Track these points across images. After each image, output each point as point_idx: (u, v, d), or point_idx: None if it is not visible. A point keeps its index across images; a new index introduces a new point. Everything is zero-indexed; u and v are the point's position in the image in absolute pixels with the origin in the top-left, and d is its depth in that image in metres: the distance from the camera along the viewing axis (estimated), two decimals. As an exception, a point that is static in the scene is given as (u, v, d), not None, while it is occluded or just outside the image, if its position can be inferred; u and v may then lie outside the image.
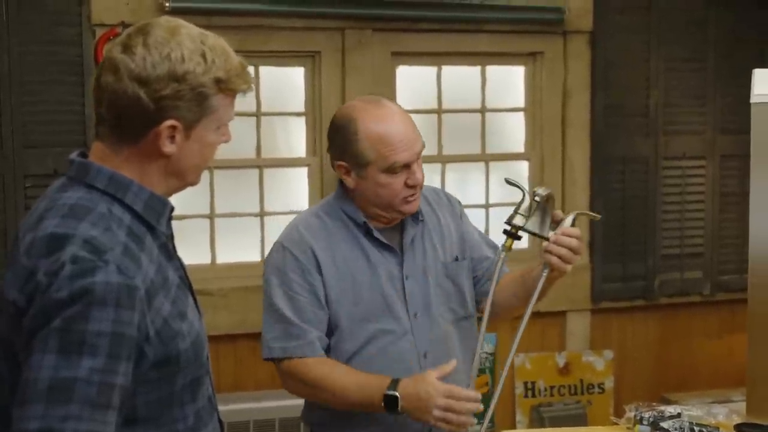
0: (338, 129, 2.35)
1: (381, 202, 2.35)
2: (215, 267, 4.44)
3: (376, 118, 2.31)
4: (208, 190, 4.39)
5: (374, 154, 2.29)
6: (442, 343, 2.41)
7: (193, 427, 1.71)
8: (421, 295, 2.40)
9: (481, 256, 2.56)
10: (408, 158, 2.30)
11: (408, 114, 2.38)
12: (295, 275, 2.34)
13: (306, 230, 2.38)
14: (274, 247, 2.41)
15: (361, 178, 2.33)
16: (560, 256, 2.30)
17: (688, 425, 2.66)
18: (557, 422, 4.61)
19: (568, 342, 4.87)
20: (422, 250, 2.43)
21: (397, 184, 2.31)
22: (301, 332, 2.32)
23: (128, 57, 1.59)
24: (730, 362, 4.95)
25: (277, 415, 4.13)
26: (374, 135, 2.29)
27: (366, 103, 2.37)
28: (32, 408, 1.44)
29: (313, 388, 2.32)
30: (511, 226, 2.34)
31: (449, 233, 2.50)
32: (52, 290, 1.48)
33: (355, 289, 2.35)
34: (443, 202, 2.57)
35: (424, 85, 4.70)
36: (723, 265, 4.95)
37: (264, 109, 4.44)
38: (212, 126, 1.67)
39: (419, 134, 2.36)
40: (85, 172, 1.64)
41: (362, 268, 2.36)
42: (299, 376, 2.32)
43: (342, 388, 2.28)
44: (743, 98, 2.92)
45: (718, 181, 4.91)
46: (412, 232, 2.42)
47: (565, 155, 4.78)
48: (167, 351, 1.61)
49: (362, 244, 2.38)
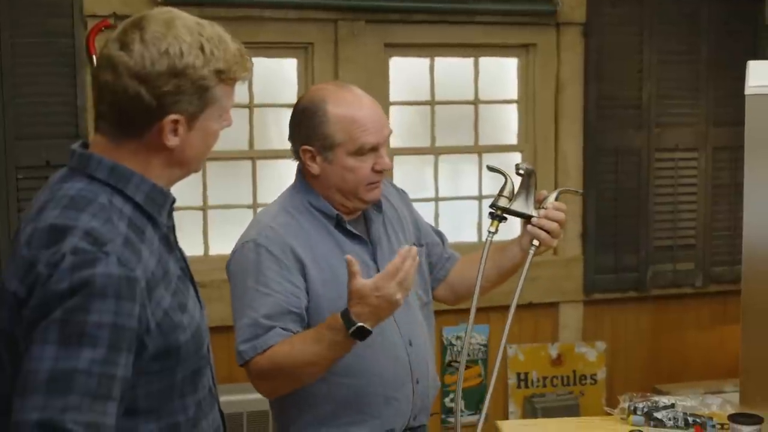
0: (304, 112, 2.31)
1: (346, 188, 2.31)
2: (208, 258, 4.43)
3: (345, 100, 2.29)
4: (201, 182, 4.38)
5: (343, 135, 2.26)
6: (420, 329, 2.42)
7: (194, 418, 1.71)
8: None
9: (433, 242, 2.58)
10: (377, 140, 2.28)
11: (375, 101, 2.37)
12: (272, 272, 2.24)
13: (281, 228, 2.30)
14: (244, 248, 2.29)
15: (327, 162, 2.30)
16: (550, 231, 2.32)
17: (682, 416, 2.68)
18: (550, 413, 4.62)
19: (561, 333, 4.88)
20: (387, 239, 2.42)
21: (365, 168, 2.29)
22: (269, 327, 2.20)
23: (126, 54, 1.58)
24: (722, 353, 4.96)
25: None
26: (344, 116, 2.27)
27: (334, 86, 2.37)
28: (32, 399, 1.44)
29: (285, 373, 2.19)
30: (495, 208, 2.36)
31: (406, 222, 2.51)
32: (52, 281, 1.48)
33: (336, 283, 2.27)
34: (392, 192, 2.56)
35: (417, 77, 4.69)
36: (715, 256, 4.96)
37: (256, 101, 4.43)
38: (215, 115, 1.67)
39: (386, 119, 2.36)
40: (86, 163, 1.63)
41: (340, 261, 2.27)
42: (267, 370, 2.19)
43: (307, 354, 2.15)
44: (736, 90, 2.92)
45: (711, 173, 4.92)
46: (377, 222, 2.41)
47: (558, 147, 4.78)
48: (168, 343, 1.61)
49: (335, 237, 2.34)
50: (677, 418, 2.67)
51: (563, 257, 4.83)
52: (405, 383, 2.35)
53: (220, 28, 1.67)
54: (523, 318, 4.78)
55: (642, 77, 4.78)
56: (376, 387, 2.32)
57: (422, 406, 2.42)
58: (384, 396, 2.32)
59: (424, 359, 2.41)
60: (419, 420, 2.42)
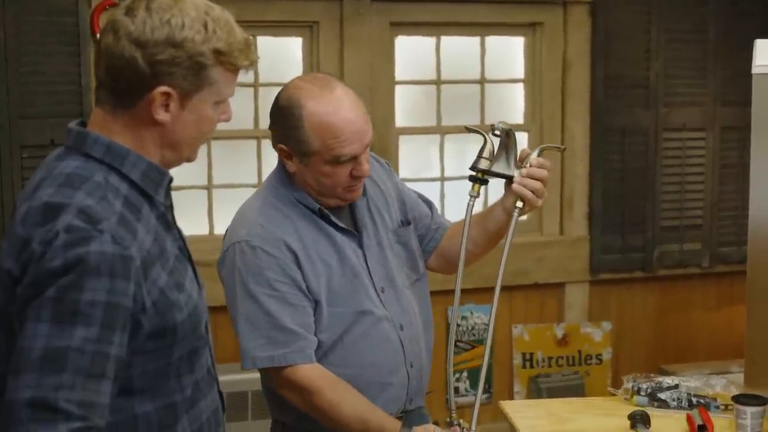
0: (281, 111, 2.20)
1: (322, 189, 2.24)
2: (213, 238, 4.42)
3: (323, 104, 2.15)
4: (206, 161, 4.38)
5: (319, 144, 2.15)
6: (410, 312, 2.38)
7: (191, 398, 1.71)
8: (382, 269, 2.34)
9: (421, 214, 2.50)
10: (356, 150, 2.17)
11: (359, 100, 2.22)
12: (274, 273, 2.19)
13: (269, 223, 2.23)
14: (237, 249, 2.21)
15: (303, 165, 2.21)
16: (534, 189, 2.24)
17: (686, 396, 2.67)
18: (555, 393, 4.62)
19: (567, 313, 4.87)
20: (373, 224, 2.36)
21: (342, 174, 2.20)
22: (289, 337, 2.18)
23: (129, 19, 1.58)
24: (728, 334, 4.96)
25: (276, 385, 4.14)
26: (320, 124, 2.14)
27: (314, 86, 2.19)
28: (25, 377, 1.44)
29: (318, 411, 2.20)
30: (476, 170, 2.28)
31: (391, 199, 2.43)
32: (46, 259, 1.47)
33: (329, 275, 2.25)
34: (376, 167, 2.45)
35: (422, 56, 4.67)
36: (722, 237, 4.94)
37: (261, 80, 4.42)
38: (210, 99, 1.65)
39: (369, 123, 2.21)
40: (83, 141, 1.63)
41: (330, 252, 2.27)
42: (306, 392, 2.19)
43: (356, 417, 2.19)
44: (744, 70, 2.90)
45: (718, 153, 4.90)
46: (362, 208, 2.34)
47: (565, 126, 4.76)
48: (164, 322, 1.60)
49: (324, 228, 2.28)
50: (681, 399, 2.66)
51: (570, 237, 4.82)
52: (399, 368, 2.33)
53: (230, 16, 1.66)
54: (528, 298, 4.78)
55: (649, 56, 4.76)
56: (370, 375, 2.29)
57: (418, 388, 2.40)
58: (379, 383, 2.30)
59: (416, 341, 2.38)
60: (415, 402, 2.41)
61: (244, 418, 4.08)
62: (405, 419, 2.32)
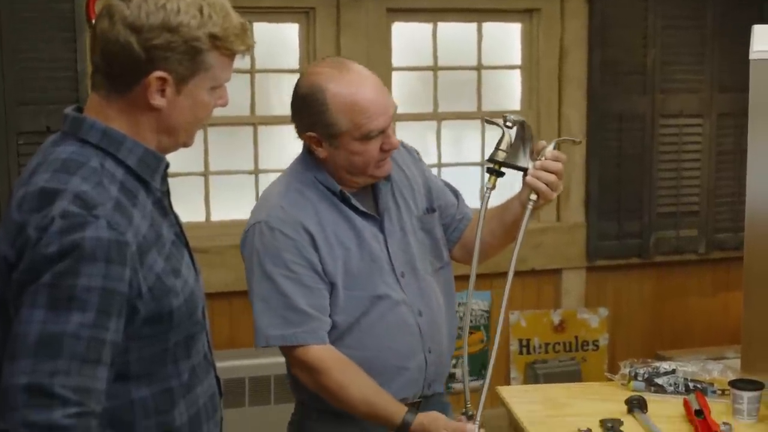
0: (305, 99, 2.23)
1: (354, 169, 2.27)
2: (210, 225, 4.43)
3: (345, 84, 2.19)
4: (202, 148, 4.38)
5: (347, 123, 2.19)
6: (431, 298, 2.39)
7: (188, 383, 1.71)
8: (404, 254, 2.36)
9: (447, 203, 2.51)
10: (383, 124, 2.21)
11: (375, 75, 2.26)
12: (291, 254, 2.22)
13: (289, 206, 2.26)
14: (257, 229, 2.25)
15: (333, 147, 2.24)
16: (548, 182, 2.23)
17: (683, 381, 2.68)
18: (552, 379, 4.63)
19: (564, 300, 4.88)
20: (396, 208, 2.37)
21: (373, 150, 2.23)
22: (302, 318, 2.22)
23: (124, 4, 1.58)
24: (724, 320, 4.97)
25: (273, 371, 4.14)
26: (346, 104, 2.18)
27: (332, 69, 2.23)
28: (21, 363, 1.44)
29: (328, 392, 2.23)
30: (493, 162, 2.28)
31: (417, 185, 2.45)
32: (41, 245, 1.47)
33: (346, 258, 2.27)
34: (404, 153, 2.48)
35: (419, 42, 4.66)
36: (718, 223, 4.95)
37: (258, 66, 4.41)
38: (206, 84, 1.65)
39: (390, 96, 2.27)
40: (79, 127, 1.62)
41: (349, 236, 2.29)
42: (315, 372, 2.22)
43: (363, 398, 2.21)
44: (741, 56, 2.90)
45: (715, 140, 4.90)
46: (385, 192, 2.36)
47: (562, 113, 4.76)
48: (160, 307, 1.60)
49: (344, 212, 2.30)
50: (678, 384, 2.67)
51: (566, 223, 4.83)
52: (416, 353, 2.34)
53: (226, 1, 1.65)
54: (525, 284, 4.78)
55: (646, 43, 4.75)
56: (386, 358, 2.30)
57: (436, 374, 2.40)
58: (395, 366, 2.32)
59: (437, 328, 2.38)
60: (433, 388, 2.41)
61: (242, 405, 4.09)
62: (424, 405, 2.34)
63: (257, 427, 4.11)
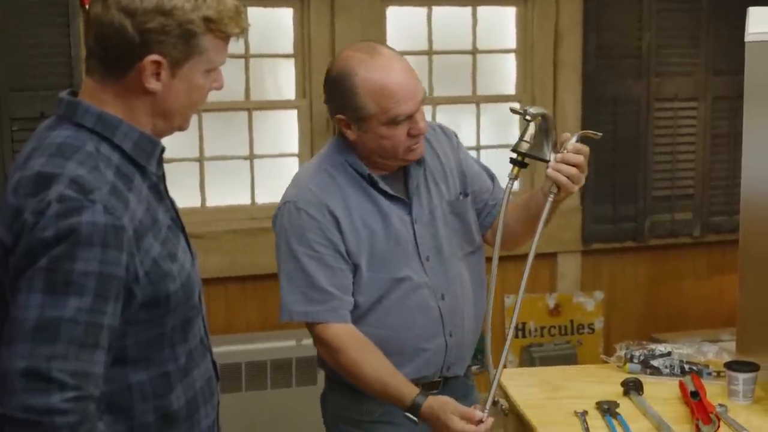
0: (335, 82, 2.27)
1: (384, 153, 2.30)
2: (205, 210, 4.43)
3: (374, 69, 2.22)
4: (197, 133, 4.36)
5: (375, 107, 2.22)
6: (456, 283, 2.41)
7: (185, 367, 1.71)
8: (431, 238, 2.38)
9: (482, 188, 2.51)
10: (411, 109, 2.23)
11: (405, 60, 2.29)
12: (315, 235, 2.27)
13: (317, 188, 2.31)
14: (286, 208, 2.32)
15: (362, 131, 2.27)
16: (569, 175, 2.23)
17: (678, 363, 2.69)
18: (547, 362, 4.64)
19: (559, 283, 4.89)
20: (427, 192, 2.40)
21: (400, 135, 2.25)
22: (324, 297, 2.27)
23: None
24: (719, 303, 4.98)
25: (269, 356, 4.15)
26: (374, 88, 2.21)
27: (362, 53, 2.26)
28: (18, 347, 1.44)
29: (344, 368, 2.28)
30: (516, 153, 2.26)
31: (450, 170, 2.46)
32: (38, 229, 1.47)
33: (371, 240, 2.31)
34: (441, 137, 2.50)
35: (414, 26, 4.65)
36: (713, 206, 4.95)
37: (252, 51, 4.40)
38: (201, 67, 1.64)
39: (419, 81, 2.28)
40: (74, 111, 1.62)
41: (375, 219, 2.32)
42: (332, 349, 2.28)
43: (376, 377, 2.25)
44: (736, 39, 2.89)
45: (710, 123, 4.90)
46: (416, 176, 2.38)
47: (557, 97, 4.75)
48: (157, 292, 1.60)
49: (372, 195, 2.33)
50: (673, 366, 2.68)
51: (561, 207, 4.71)
52: (436, 336, 2.37)
53: None
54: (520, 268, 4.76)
55: (641, 26, 4.74)
56: (405, 339, 2.34)
57: (457, 356, 2.42)
58: (413, 347, 2.35)
59: (459, 312, 2.40)
60: (453, 371, 2.43)
61: (239, 390, 4.09)
62: (444, 386, 2.39)
63: (254, 412, 4.12)
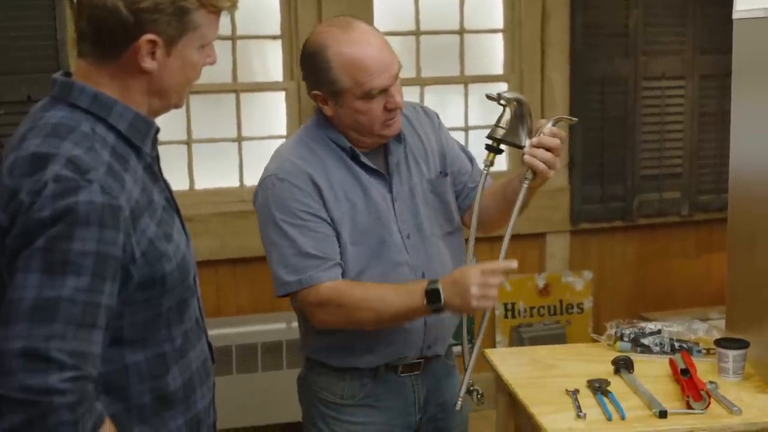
0: (309, 58, 2.27)
1: (361, 128, 2.30)
2: (194, 193, 4.41)
3: (347, 43, 2.22)
4: (185, 116, 4.34)
5: (349, 81, 2.22)
6: (436, 261, 2.41)
7: (181, 348, 1.72)
8: (412, 216, 2.38)
9: (461, 169, 2.53)
10: (385, 82, 2.23)
11: (381, 34, 2.29)
12: (298, 203, 2.27)
13: (299, 159, 2.30)
14: (268, 182, 2.31)
15: (338, 106, 2.27)
16: (544, 160, 2.26)
17: (669, 341, 2.70)
18: (537, 342, 4.64)
19: (548, 263, 4.90)
20: (407, 170, 2.40)
21: (376, 109, 2.26)
22: (314, 261, 2.26)
23: None
24: (707, 281, 5.00)
25: (259, 339, 4.15)
26: (347, 62, 2.21)
27: (336, 28, 2.27)
28: (16, 327, 1.44)
29: (352, 311, 2.25)
30: (491, 139, 2.30)
31: (431, 149, 2.47)
32: (34, 209, 1.47)
33: (352, 213, 2.31)
34: (422, 117, 2.51)
35: (401, 6, 4.63)
36: (701, 185, 4.96)
37: (239, 33, 4.38)
38: (195, 43, 1.65)
39: (394, 55, 2.28)
40: (68, 92, 1.61)
41: (357, 191, 2.32)
42: (334, 301, 2.25)
43: (382, 300, 2.23)
44: (723, 17, 2.89)
45: (698, 102, 4.90)
46: (397, 154, 2.38)
47: (545, 76, 4.75)
48: (153, 272, 1.60)
49: (353, 169, 2.33)
50: (664, 344, 2.69)
51: (550, 187, 4.79)
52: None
53: None
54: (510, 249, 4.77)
55: (629, 5, 4.73)
56: None
57: (436, 336, 2.44)
58: (395, 327, 2.34)
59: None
60: (433, 350, 2.45)
61: (229, 372, 4.09)
62: (425, 366, 2.41)
63: (245, 395, 4.13)
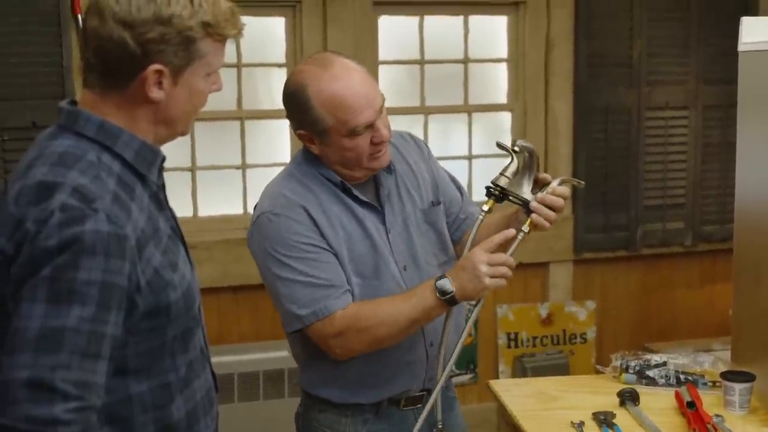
0: (290, 98, 2.24)
1: (348, 163, 2.26)
2: (197, 220, 4.41)
3: (327, 80, 2.18)
4: (189, 143, 4.35)
5: (332, 120, 2.18)
6: None
7: (185, 378, 1.70)
8: (407, 247, 2.36)
9: (453, 200, 2.51)
10: (369, 118, 2.19)
11: (362, 68, 2.25)
12: (298, 236, 2.22)
13: (291, 193, 2.26)
14: (263, 219, 2.26)
15: (325, 144, 2.24)
16: (547, 218, 2.26)
17: (674, 373, 2.68)
18: (540, 372, 4.64)
19: (551, 293, 4.88)
20: (399, 200, 2.37)
21: (363, 144, 2.22)
22: (328, 290, 2.22)
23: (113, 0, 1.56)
24: (711, 312, 4.98)
25: (261, 367, 4.14)
26: (328, 100, 2.17)
27: (315, 66, 2.22)
28: (22, 357, 1.43)
29: (372, 331, 2.21)
30: (495, 186, 2.27)
31: (422, 178, 2.44)
32: (40, 238, 1.46)
33: (349, 243, 2.28)
34: (411, 146, 2.49)
35: (406, 36, 4.65)
36: (705, 215, 4.96)
37: (245, 60, 4.39)
38: (201, 72, 1.65)
39: (377, 88, 2.24)
40: (75, 120, 1.61)
41: (352, 223, 2.29)
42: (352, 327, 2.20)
43: (396, 310, 2.19)
44: (727, 48, 2.90)
45: (701, 132, 4.91)
46: (387, 185, 2.36)
47: (548, 106, 4.76)
48: (158, 301, 1.60)
49: (346, 202, 2.30)
50: (669, 376, 2.68)
51: (553, 217, 4.82)
52: (416, 346, 2.34)
53: None
54: (512, 278, 4.74)
55: (632, 35, 4.75)
56: (390, 353, 2.30)
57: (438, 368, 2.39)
58: (398, 360, 2.32)
59: (439, 322, 2.35)
60: (435, 382, 2.38)
61: (231, 401, 4.08)
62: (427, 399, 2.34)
63: (246, 423, 4.11)
